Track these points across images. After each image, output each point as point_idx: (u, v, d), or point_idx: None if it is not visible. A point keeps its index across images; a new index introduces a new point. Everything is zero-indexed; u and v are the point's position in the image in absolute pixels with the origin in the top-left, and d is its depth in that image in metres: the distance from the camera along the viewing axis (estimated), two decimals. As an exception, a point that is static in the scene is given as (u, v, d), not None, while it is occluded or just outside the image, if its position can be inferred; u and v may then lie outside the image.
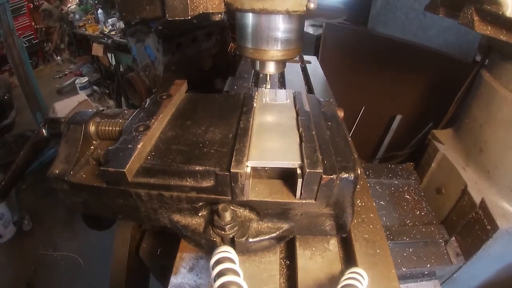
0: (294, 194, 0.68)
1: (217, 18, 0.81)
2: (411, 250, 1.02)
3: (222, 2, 0.78)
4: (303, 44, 0.90)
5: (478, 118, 1.06)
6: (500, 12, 0.73)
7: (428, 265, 0.99)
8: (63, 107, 3.90)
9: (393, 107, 2.51)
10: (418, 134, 2.16)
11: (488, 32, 0.82)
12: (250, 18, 0.81)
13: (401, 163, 1.37)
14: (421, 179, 1.27)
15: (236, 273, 0.56)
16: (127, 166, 0.65)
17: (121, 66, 4.58)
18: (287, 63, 0.97)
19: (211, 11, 0.78)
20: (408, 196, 1.21)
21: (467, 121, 1.13)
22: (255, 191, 0.70)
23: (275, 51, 0.83)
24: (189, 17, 0.75)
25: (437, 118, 1.46)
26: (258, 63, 0.90)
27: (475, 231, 0.97)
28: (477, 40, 1.94)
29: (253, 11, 0.75)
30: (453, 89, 1.33)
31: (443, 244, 1.05)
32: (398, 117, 2.47)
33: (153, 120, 0.79)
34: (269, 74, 0.95)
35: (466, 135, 1.14)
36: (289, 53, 0.86)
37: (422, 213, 1.15)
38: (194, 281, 0.73)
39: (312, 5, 0.72)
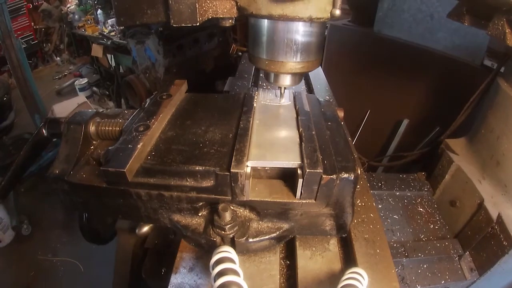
0: (294, 194, 0.68)
1: (228, 23, 0.72)
2: (425, 266, 1.00)
3: (234, 6, 0.69)
4: (322, 53, 0.78)
5: (495, 130, 1.03)
6: None
7: (443, 282, 0.97)
8: (62, 109, 3.89)
9: (399, 111, 2.45)
10: (424, 139, 2.13)
11: None
12: (266, 25, 0.71)
13: (409, 169, 1.33)
14: (434, 190, 1.23)
15: (236, 273, 0.56)
16: (127, 166, 0.65)
17: (121, 68, 4.58)
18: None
19: (221, 16, 0.69)
20: (421, 209, 1.18)
21: (483, 131, 1.09)
22: (255, 191, 0.70)
23: (294, 63, 0.73)
24: (197, 24, 0.65)
25: (444, 123, 1.42)
26: (272, 75, 0.80)
27: (491, 247, 0.95)
28: (486, 44, 1.87)
29: (270, 17, 0.65)
30: (461, 93, 1.28)
31: (457, 259, 1.03)
32: (405, 122, 2.41)
33: (153, 120, 0.79)
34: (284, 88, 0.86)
35: (482, 146, 1.10)
36: (308, 65, 0.75)
37: (436, 227, 1.12)
38: (194, 281, 0.73)
39: (337, 12, 0.64)
